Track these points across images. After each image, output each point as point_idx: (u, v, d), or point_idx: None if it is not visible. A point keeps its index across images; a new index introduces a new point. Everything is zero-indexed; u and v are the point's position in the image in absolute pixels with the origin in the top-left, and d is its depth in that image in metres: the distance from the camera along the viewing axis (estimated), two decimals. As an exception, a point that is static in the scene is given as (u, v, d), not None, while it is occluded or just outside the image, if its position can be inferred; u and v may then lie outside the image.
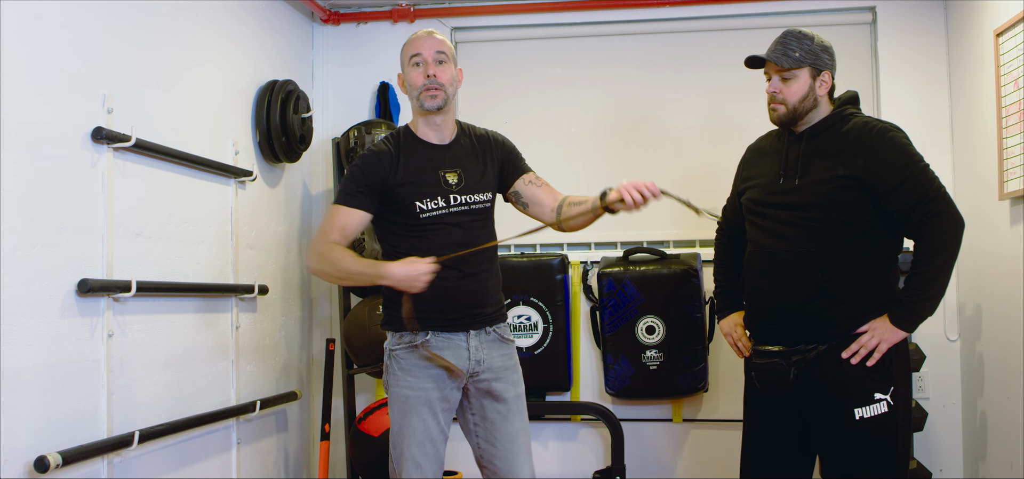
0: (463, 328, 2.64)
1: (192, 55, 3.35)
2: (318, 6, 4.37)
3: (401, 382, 2.62)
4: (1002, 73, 3.48)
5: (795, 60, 2.70)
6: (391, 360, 2.65)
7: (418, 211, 2.61)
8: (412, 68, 2.65)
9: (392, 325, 2.66)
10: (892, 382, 2.61)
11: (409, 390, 2.61)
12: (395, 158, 2.63)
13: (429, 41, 2.66)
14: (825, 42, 2.77)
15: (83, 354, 2.66)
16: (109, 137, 2.74)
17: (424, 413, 2.61)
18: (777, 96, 2.76)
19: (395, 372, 2.64)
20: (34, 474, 2.42)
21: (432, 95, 2.62)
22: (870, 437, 2.60)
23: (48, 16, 2.56)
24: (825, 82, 2.74)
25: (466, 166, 2.70)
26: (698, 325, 4.01)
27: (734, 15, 4.32)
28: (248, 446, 3.70)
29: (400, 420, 2.62)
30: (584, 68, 4.44)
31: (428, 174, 2.64)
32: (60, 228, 2.57)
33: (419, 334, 2.60)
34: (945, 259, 2.58)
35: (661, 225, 4.34)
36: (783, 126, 2.82)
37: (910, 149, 2.66)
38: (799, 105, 2.73)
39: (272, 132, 3.85)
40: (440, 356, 2.60)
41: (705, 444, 4.24)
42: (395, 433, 2.64)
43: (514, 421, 2.72)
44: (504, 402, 2.71)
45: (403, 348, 2.63)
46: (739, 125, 4.30)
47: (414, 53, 2.65)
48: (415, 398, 2.61)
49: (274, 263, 3.99)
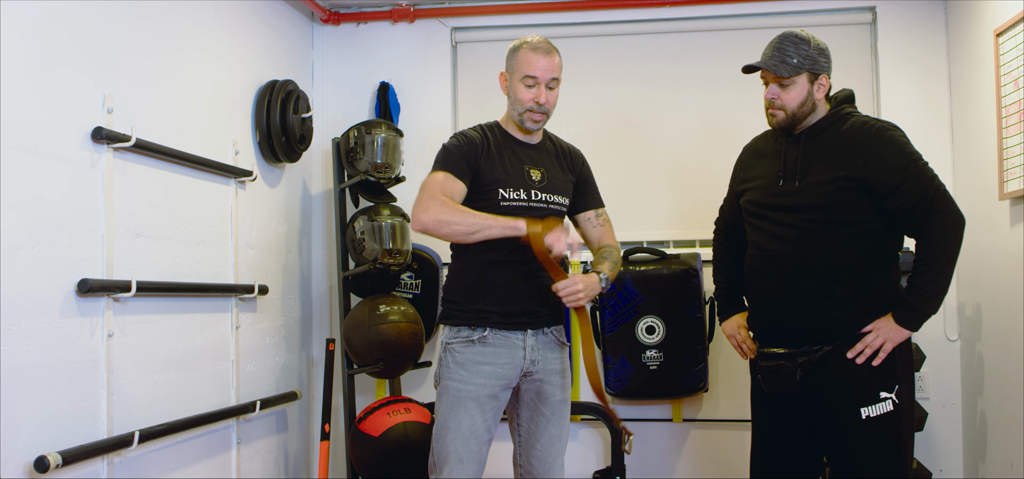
0: (521, 327, 2.68)
1: (192, 55, 3.35)
2: (318, 6, 4.37)
3: (454, 376, 2.64)
4: (1002, 73, 3.48)
5: (793, 67, 2.69)
6: (446, 353, 2.68)
7: (500, 198, 2.66)
8: (523, 85, 2.70)
9: (451, 318, 2.70)
10: (897, 381, 2.61)
11: (462, 384, 2.63)
12: (487, 145, 2.70)
13: (547, 64, 2.69)
14: (821, 44, 2.76)
15: (83, 354, 2.66)
16: (109, 137, 2.74)
17: (472, 409, 2.63)
18: (776, 102, 2.75)
19: (449, 365, 2.66)
20: (34, 474, 2.42)
21: (535, 120, 2.72)
22: (876, 436, 2.61)
23: (48, 16, 2.57)
24: (823, 85, 2.74)
25: (549, 168, 2.79)
26: (698, 325, 4.01)
27: (734, 15, 4.32)
28: (248, 446, 3.70)
29: (447, 413, 2.64)
30: (584, 68, 4.44)
31: (515, 166, 2.72)
32: (60, 228, 2.58)
33: (477, 330, 2.64)
34: (948, 257, 2.58)
35: (661, 225, 4.35)
36: (782, 131, 2.81)
37: (909, 148, 2.66)
38: (798, 111, 2.73)
39: (272, 132, 3.85)
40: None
41: (705, 444, 4.24)
42: (440, 426, 2.65)
43: (557, 425, 2.76)
44: (550, 405, 2.75)
45: (460, 342, 2.66)
46: (739, 125, 4.29)
47: (530, 74, 2.69)
48: (466, 393, 2.63)
49: (274, 263, 3.99)
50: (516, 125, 2.77)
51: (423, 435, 3.67)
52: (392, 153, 4.10)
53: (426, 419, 3.85)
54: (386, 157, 4.07)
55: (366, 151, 4.04)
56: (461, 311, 2.67)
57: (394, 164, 4.11)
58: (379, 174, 4.06)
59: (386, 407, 3.88)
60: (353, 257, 4.14)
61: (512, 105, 2.75)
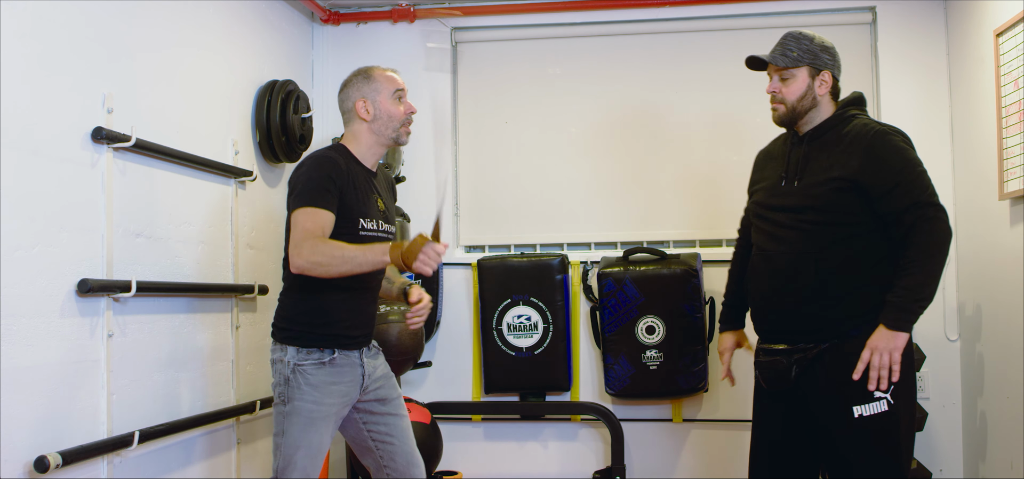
0: (358, 346, 2.78)
1: (192, 55, 3.35)
2: (318, 6, 4.37)
3: (308, 397, 2.66)
4: (1002, 73, 3.48)
5: (792, 59, 2.72)
6: (296, 374, 2.67)
7: (360, 228, 2.71)
8: (394, 101, 2.80)
9: (301, 340, 2.70)
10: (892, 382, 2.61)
11: (316, 405, 2.67)
12: (346, 171, 2.71)
13: (402, 78, 2.86)
14: (826, 42, 2.77)
15: (83, 354, 2.66)
16: (109, 137, 2.74)
17: (323, 429, 2.69)
18: (777, 95, 2.78)
19: (301, 386, 2.66)
20: (34, 474, 2.42)
21: (408, 131, 2.83)
22: (869, 435, 2.60)
23: (48, 16, 2.56)
24: (825, 81, 2.74)
25: (384, 197, 2.89)
26: (698, 325, 4.01)
27: (734, 15, 4.32)
28: (248, 446, 3.70)
29: (300, 434, 2.66)
30: (584, 68, 4.44)
31: (368, 195, 2.78)
32: (60, 228, 2.57)
33: (326, 351, 2.69)
34: (936, 263, 2.56)
35: (661, 225, 4.35)
36: (784, 126, 2.82)
37: (907, 153, 2.64)
38: (798, 104, 2.74)
39: (272, 132, 3.85)
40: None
41: (705, 444, 4.24)
42: (289, 444, 2.66)
43: (405, 416, 2.91)
44: (393, 404, 2.88)
45: (311, 364, 2.68)
46: (739, 125, 4.30)
47: (399, 88, 2.82)
48: (319, 414, 2.67)
49: (274, 263, 3.99)
50: (385, 144, 2.82)
51: (423, 435, 3.67)
52: (392, 153, 4.11)
53: (426, 419, 3.85)
54: (386, 157, 4.07)
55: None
56: (311, 333, 2.69)
57: (394, 164, 4.11)
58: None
59: (386, 407, 3.89)
60: (353, 257, 4.14)
61: (384, 124, 2.78)
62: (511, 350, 4.18)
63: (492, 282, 4.20)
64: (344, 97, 2.84)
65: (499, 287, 4.17)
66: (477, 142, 4.49)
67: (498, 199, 4.47)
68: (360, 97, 2.80)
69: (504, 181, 4.48)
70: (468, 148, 4.50)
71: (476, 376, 4.37)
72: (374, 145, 2.81)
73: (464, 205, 4.50)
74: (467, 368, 4.39)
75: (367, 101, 2.79)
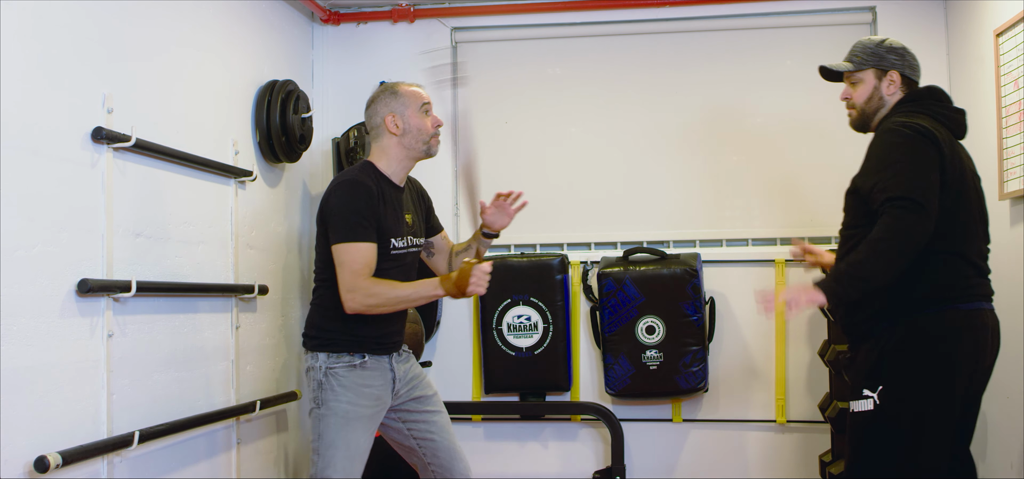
0: (387, 351, 2.84)
1: (192, 55, 3.35)
2: (318, 6, 4.37)
3: (342, 398, 2.73)
4: (1002, 73, 3.48)
5: (858, 63, 2.77)
6: (328, 378, 2.74)
7: (392, 247, 2.78)
8: (421, 114, 2.84)
9: (332, 345, 2.77)
10: (882, 382, 2.60)
11: (351, 405, 2.73)
12: (379, 194, 2.77)
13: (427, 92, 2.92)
14: (895, 43, 2.78)
15: (83, 354, 2.66)
16: (109, 137, 2.74)
17: (360, 429, 2.75)
18: (848, 101, 2.82)
19: (334, 388, 2.74)
20: (34, 474, 2.41)
21: (438, 142, 2.88)
22: (857, 431, 2.65)
23: (48, 16, 2.56)
24: (893, 81, 2.74)
25: (413, 210, 2.94)
26: (698, 325, 4.02)
27: (734, 15, 4.32)
28: (248, 446, 3.70)
29: (335, 433, 2.72)
30: (584, 68, 4.44)
31: (397, 213, 2.83)
32: (60, 228, 2.57)
33: (356, 355, 2.76)
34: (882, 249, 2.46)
35: (661, 225, 4.35)
36: (859, 129, 2.85)
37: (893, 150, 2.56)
38: (866, 107, 2.78)
39: (272, 132, 3.85)
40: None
41: (705, 444, 4.25)
42: (327, 445, 2.72)
43: (442, 412, 2.96)
44: (429, 401, 2.95)
45: (343, 367, 2.75)
46: (741, 126, 4.30)
47: (425, 102, 2.86)
48: (354, 414, 2.73)
49: (274, 263, 3.99)
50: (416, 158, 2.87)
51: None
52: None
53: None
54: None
55: (366, 151, 4.04)
56: (341, 339, 2.77)
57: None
58: (379, 174, 4.06)
59: (386, 407, 3.89)
60: (353, 257, 4.14)
61: (414, 138, 2.84)
62: (511, 350, 4.18)
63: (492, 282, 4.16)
64: (372, 114, 2.89)
65: (499, 287, 4.17)
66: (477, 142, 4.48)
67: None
68: (389, 112, 2.85)
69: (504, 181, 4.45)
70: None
71: (476, 376, 4.37)
72: (404, 159, 2.86)
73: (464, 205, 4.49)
74: (467, 368, 4.39)
75: (396, 115, 2.84)
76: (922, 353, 2.59)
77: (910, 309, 2.60)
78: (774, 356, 4.20)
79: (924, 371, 2.59)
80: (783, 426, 4.20)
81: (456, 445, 2.95)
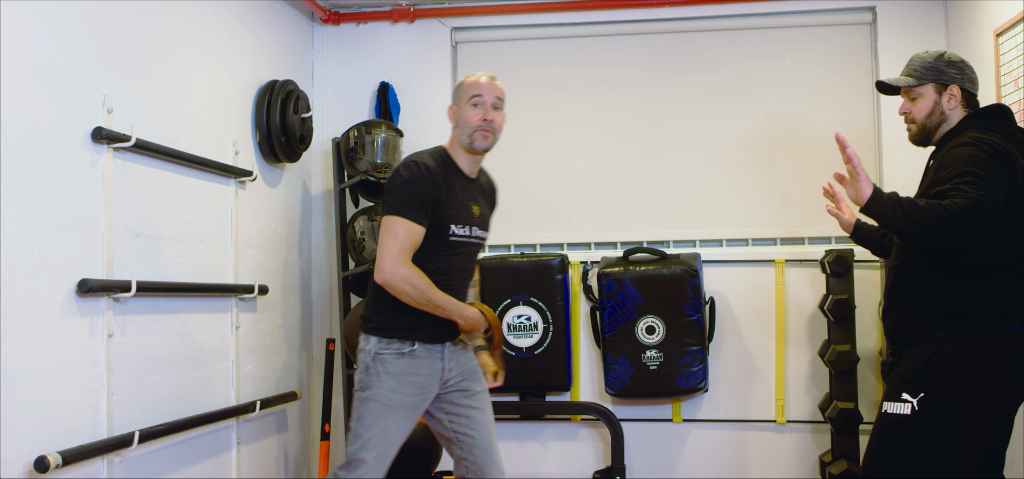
0: (440, 341, 2.83)
1: (192, 55, 3.35)
2: (318, 6, 4.37)
3: (387, 385, 2.75)
4: (1002, 73, 3.48)
5: (917, 78, 2.74)
6: (375, 363, 2.76)
7: (451, 233, 2.79)
8: (470, 106, 2.83)
9: (381, 331, 2.78)
10: (924, 389, 2.55)
11: (393, 394, 2.74)
12: (443, 179, 2.78)
13: (491, 87, 2.87)
14: (953, 57, 2.74)
15: (83, 354, 2.66)
16: (109, 137, 2.74)
17: (399, 417, 2.76)
18: (908, 115, 2.79)
19: (380, 374, 2.75)
20: (34, 474, 2.42)
21: (485, 136, 2.83)
22: (886, 431, 2.60)
23: (49, 16, 2.57)
24: (954, 95, 2.71)
25: (481, 202, 2.95)
26: (698, 325, 4.01)
27: (734, 15, 4.32)
28: (248, 446, 3.70)
29: (374, 419, 2.74)
30: (584, 68, 4.44)
31: (463, 201, 2.83)
32: (60, 228, 2.57)
33: (406, 343, 2.77)
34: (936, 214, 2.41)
35: (661, 225, 4.35)
36: (920, 144, 2.81)
37: (973, 164, 2.51)
38: (927, 121, 2.74)
39: (272, 132, 3.85)
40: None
41: (705, 444, 4.24)
42: (364, 429, 2.73)
43: (488, 412, 2.95)
44: (477, 397, 2.93)
45: (391, 354, 2.76)
46: (741, 126, 4.30)
47: (476, 94, 2.84)
48: (396, 402, 2.75)
49: (274, 263, 3.99)
50: (466, 150, 2.85)
51: (423, 435, 3.67)
52: (392, 153, 4.11)
53: (426, 419, 3.85)
54: (386, 157, 4.08)
55: (366, 151, 4.05)
56: (392, 325, 2.78)
57: (394, 164, 4.11)
58: (379, 174, 4.06)
59: (386, 407, 3.89)
60: (353, 257, 4.14)
61: (461, 130, 2.84)
62: (511, 350, 4.18)
63: (492, 282, 4.20)
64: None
65: (499, 287, 4.17)
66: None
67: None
68: (452, 103, 2.89)
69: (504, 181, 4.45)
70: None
71: (476, 376, 4.37)
72: (462, 151, 2.86)
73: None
74: (467, 368, 4.39)
75: (455, 107, 2.88)
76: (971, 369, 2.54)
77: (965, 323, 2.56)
78: (774, 356, 4.20)
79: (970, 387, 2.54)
80: (783, 426, 4.20)
81: (494, 446, 2.94)
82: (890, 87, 2.83)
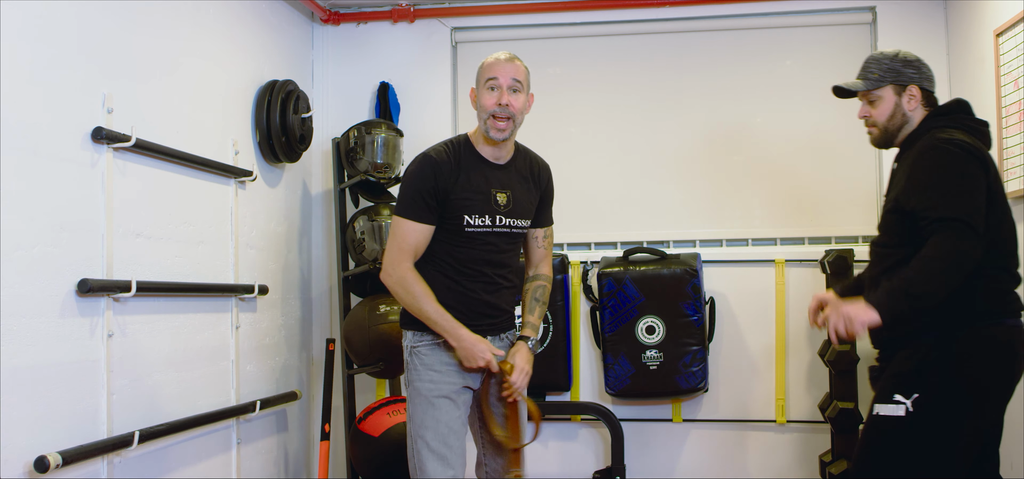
0: (482, 332, 2.74)
1: (192, 55, 3.35)
2: (318, 6, 4.36)
3: (424, 377, 2.71)
4: (1002, 73, 3.48)
5: (875, 81, 2.68)
6: (412, 357, 2.73)
7: (465, 224, 2.68)
8: (486, 90, 2.71)
9: (415, 324, 2.74)
10: (918, 390, 2.54)
11: (432, 384, 2.70)
12: (454, 169, 2.69)
13: (508, 67, 2.73)
14: (908, 56, 2.71)
15: (83, 354, 2.66)
16: (109, 137, 2.74)
17: (445, 405, 2.69)
18: (868, 119, 2.74)
19: (417, 368, 2.72)
20: (34, 474, 2.42)
21: (499, 128, 2.69)
22: (877, 433, 2.58)
23: (49, 16, 2.56)
24: (913, 95, 2.67)
25: (516, 189, 2.78)
26: (698, 325, 4.01)
27: (734, 15, 4.32)
28: (248, 446, 3.70)
29: (422, 412, 2.69)
30: (584, 68, 4.44)
31: (481, 190, 2.71)
32: (60, 228, 2.57)
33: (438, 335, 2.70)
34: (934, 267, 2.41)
35: (661, 225, 4.35)
36: (882, 147, 2.78)
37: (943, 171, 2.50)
38: (889, 124, 2.70)
39: (272, 132, 3.85)
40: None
41: (705, 444, 4.24)
42: (417, 423, 2.69)
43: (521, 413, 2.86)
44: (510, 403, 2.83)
45: (425, 345, 2.72)
46: (742, 126, 4.30)
47: (491, 77, 2.71)
48: (437, 391, 2.69)
49: (274, 263, 3.99)
50: (484, 138, 2.73)
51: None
52: (392, 153, 4.11)
53: (426, 419, 3.85)
54: (386, 157, 4.07)
55: (366, 151, 4.04)
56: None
57: (394, 164, 4.11)
58: (379, 174, 4.06)
59: (386, 407, 3.88)
60: (353, 257, 4.14)
61: (479, 115, 2.73)
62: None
63: (492, 282, 4.20)
64: None
65: (499, 287, 4.17)
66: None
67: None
68: (473, 86, 2.79)
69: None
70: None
71: (476, 376, 4.37)
72: (481, 136, 2.74)
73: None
74: (467, 368, 4.39)
75: (474, 90, 2.78)
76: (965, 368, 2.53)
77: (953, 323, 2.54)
78: (774, 356, 4.20)
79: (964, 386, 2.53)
80: (783, 426, 4.20)
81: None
82: (847, 91, 2.76)
